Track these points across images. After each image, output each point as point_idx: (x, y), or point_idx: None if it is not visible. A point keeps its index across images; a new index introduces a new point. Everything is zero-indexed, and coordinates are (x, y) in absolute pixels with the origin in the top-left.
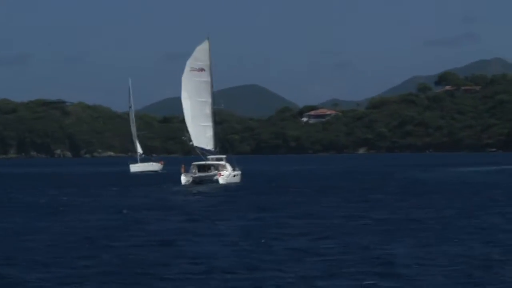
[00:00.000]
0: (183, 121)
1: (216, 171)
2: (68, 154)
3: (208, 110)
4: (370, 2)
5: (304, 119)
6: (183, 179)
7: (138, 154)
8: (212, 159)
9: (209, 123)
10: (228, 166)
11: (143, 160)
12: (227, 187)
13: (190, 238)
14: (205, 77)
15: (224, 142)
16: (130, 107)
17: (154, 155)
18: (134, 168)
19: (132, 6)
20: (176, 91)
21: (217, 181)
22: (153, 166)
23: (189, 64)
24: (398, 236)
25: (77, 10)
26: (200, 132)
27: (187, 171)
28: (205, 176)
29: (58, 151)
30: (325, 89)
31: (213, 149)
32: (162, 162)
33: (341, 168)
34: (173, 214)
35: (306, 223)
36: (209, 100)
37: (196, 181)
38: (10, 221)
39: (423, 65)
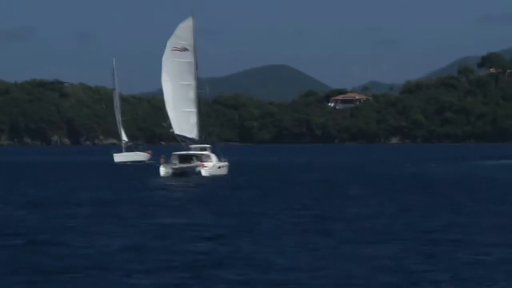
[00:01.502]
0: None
1: (199, 162)
2: (67, 141)
3: (191, 94)
4: None
5: (331, 104)
6: (162, 170)
7: (123, 142)
8: (196, 149)
9: (192, 109)
10: (213, 157)
11: (129, 149)
12: (208, 180)
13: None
14: (189, 57)
15: (242, 129)
16: (114, 89)
17: (140, 143)
18: (119, 158)
19: None
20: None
21: (199, 173)
22: (139, 156)
23: (170, 43)
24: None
25: None
26: (183, 118)
27: (167, 161)
28: (187, 167)
29: (55, 138)
30: (364, 71)
31: (196, 138)
32: (150, 152)
33: (335, 162)
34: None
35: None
36: (193, 83)
37: (177, 173)
38: None
39: (476, 45)
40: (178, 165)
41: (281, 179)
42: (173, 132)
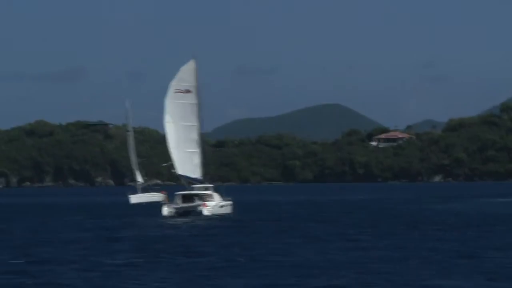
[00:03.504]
0: (239, 145)
1: (201, 202)
2: (111, 182)
3: (194, 135)
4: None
5: (374, 143)
6: (165, 210)
7: (138, 183)
8: (198, 189)
9: (195, 149)
10: (216, 196)
11: (144, 190)
12: (208, 220)
13: None
14: (192, 99)
15: (284, 169)
16: (128, 131)
17: (155, 184)
18: (134, 199)
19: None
20: (246, 111)
21: (201, 212)
22: (154, 197)
23: (173, 85)
24: None
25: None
26: (186, 159)
27: (170, 201)
28: (189, 207)
29: (99, 179)
30: (419, 108)
31: (200, 178)
32: (164, 192)
33: (360, 200)
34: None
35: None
36: (196, 124)
37: (180, 212)
38: None
39: None
40: (181, 205)
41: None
42: (175, 172)
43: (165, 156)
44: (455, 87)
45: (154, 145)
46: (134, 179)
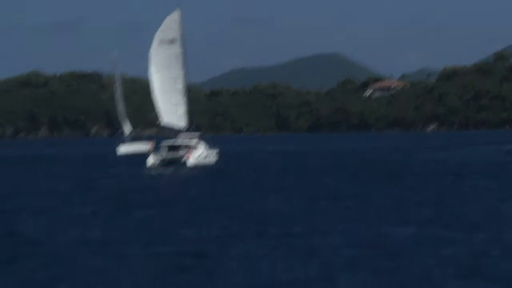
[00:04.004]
0: (233, 95)
1: (186, 151)
2: (105, 133)
3: (179, 85)
4: None
5: (368, 93)
6: (150, 160)
7: (125, 133)
8: (184, 138)
9: (181, 99)
10: (201, 146)
11: (132, 140)
12: (191, 170)
13: None
14: (177, 49)
15: (279, 119)
16: (116, 82)
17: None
18: (123, 149)
19: None
20: (243, 61)
21: (186, 162)
22: (143, 147)
23: (158, 36)
24: None
25: None
26: (171, 109)
27: (156, 151)
28: (173, 157)
29: (94, 130)
30: (417, 57)
31: (185, 127)
32: (153, 142)
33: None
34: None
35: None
36: (181, 73)
37: (164, 163)
38: None
39: None
40: (165, 155)
41: (256, 166)
42: (160, 122)
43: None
44: (452, 36)
45: (148, 95)
46: (122, 130)
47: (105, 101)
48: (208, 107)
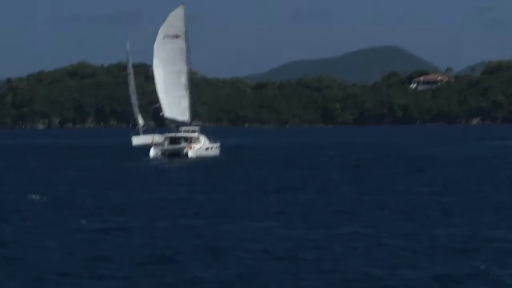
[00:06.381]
0: (279, 87)
1: (187, 144)
2: (152, 123)
3: (183, 79)
4: None
5: (413, 86)
6: (152, 152)
7: (140, 126)
8: (186, 131)
9: (184, 93)
10: (203, 139)
11: (145, 133)
12: (190, 162)
13: None
14: (180, 44)
15: (324, 111)
16: (129, 74)
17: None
18: (136, 141)
19: None
20: (302, 53)
21: (186, 154)
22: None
23: (162, 30)
24: None
25: None
26: (174, 102)
27: (157, 143)
28: (174, 149)
29: (140, 121)
30: (476, 51)
31: (188, 120)
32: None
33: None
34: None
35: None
36: (185, 68)
37: (166, 154)
38: None
39: None
40: (167, 147)
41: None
42: (163, 115)
43: (206, 98)
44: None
45: (195, 86)
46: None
47: (151, 93)
48: (254, 100)
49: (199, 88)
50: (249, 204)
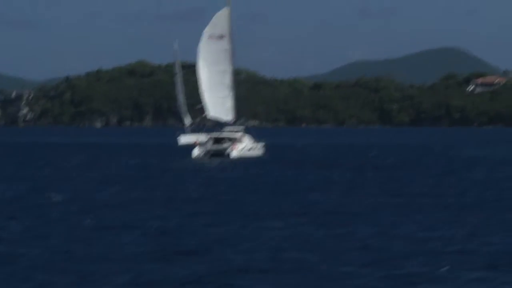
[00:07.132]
0: (336, 87)
1: (231, 144)
2: (209, 122)
3: (227, 80)
4: None
5: (471, 88)
6: (195, 151)
7: (186, 125)
8: (230, 131)
9: (228, 94)
10: (247, 139)
11: (192, 132)
12: (231, 162)
13: None
14: (225, 44)
15: (381, 112)
16: (176, 73)
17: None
18: (183, 140)
19: None
20: (365, 53)
21: (230, 154)
22: (201, 138)
23: (207, 31)
24: None
25: None
26: (218, 103)
27: (201, 143)
28: (217, 149)
29: (198, 119)
30: None
31: (232, 120)
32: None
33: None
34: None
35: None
36: (229, 68)
37: (209, 154)
38: None
39: None
40: (210, 147)
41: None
42: (207, 115)
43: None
44: None
45: (252, 86)
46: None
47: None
48: (311, 100)
49: (256, 88)
50: (261, 204)
